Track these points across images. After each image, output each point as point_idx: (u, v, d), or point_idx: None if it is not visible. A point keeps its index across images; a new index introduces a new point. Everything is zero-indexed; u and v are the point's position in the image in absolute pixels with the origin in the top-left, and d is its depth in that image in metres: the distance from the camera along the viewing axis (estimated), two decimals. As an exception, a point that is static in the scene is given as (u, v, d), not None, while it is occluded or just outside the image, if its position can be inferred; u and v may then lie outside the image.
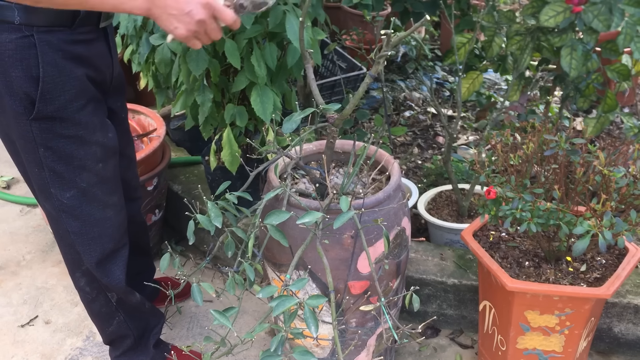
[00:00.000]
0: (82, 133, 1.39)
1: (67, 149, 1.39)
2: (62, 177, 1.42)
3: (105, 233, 1.54)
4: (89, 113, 1.40)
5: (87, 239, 1.53)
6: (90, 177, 1.45)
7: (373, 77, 1.40)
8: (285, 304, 1.27)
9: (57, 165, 1.40)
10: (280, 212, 1.38)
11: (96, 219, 1.51)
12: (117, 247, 1.60)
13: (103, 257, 1.56)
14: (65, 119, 1.35)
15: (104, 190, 1.50)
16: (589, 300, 1.48)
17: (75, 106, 1.36)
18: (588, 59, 1.92)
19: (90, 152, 1.42)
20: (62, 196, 1.45)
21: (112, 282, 1.60)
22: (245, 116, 1.94)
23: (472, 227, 1.69)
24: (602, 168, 1.37)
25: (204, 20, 1.18)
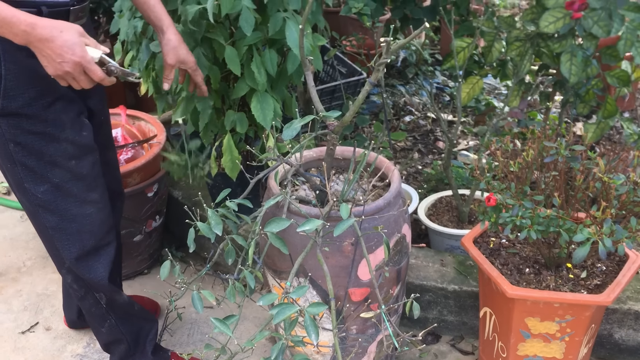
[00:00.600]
0: (50, 130, 1.40)
1: (36, 145, 1.40)
2: (34, 172, 1.44)
3: (84, 229, 1.55)
4: (57, 110, 1.40)
5: (65, 234, 1.54)
6: (63, 173, 1.46)
7: (373, 84, 1.40)
8: (286, 311, 1.27)
9: (28, 160, 1.42)
10: (280, 219, 1.38)
11: (73, 215, 1.52)
12: (100, 245, 1.60)
13: (83, 253, 1.57)
14: (32, 115, 1.37)
15: (80, 187, 1.50)
16: (590, 307, 1.48)
17: (41, 103, 1.37)
18: (588, 64, 1.92)
19: (61, 149, 1.43)
20: (36, 190, 1.46)
21: (94, 278, 1.61)
22: (246, 122, 1.94)
23: (473, 234, 1.69)
24: (601, 175, 1.37)
25: (72, 72, 1.26)
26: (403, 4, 2.59)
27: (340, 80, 3.06)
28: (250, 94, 1.85)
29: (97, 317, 1.71)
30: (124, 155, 2.24)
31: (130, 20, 1.99)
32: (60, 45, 1.22)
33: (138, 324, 1.78)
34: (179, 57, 1.55)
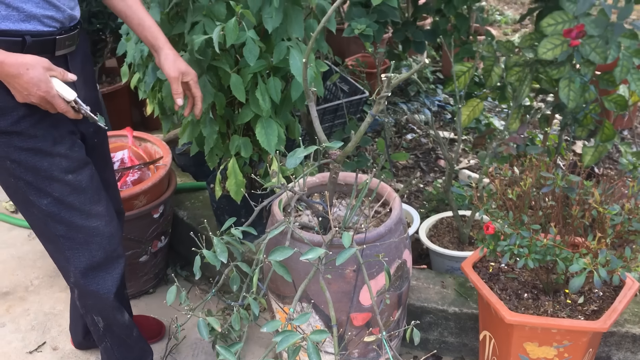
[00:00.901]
0: (41, 145, 1.43)
1: (30, 160, 1.44)
2: (34, 186, 1.47)
3: (92, 241, 1.58)
4: (47, 126, 1.44)
5: (75, 243, 1.56)
6: (62, 187, 1.49)
7: (374, 116, 1.44)
8: (289, 339, 1.31)
9: (26, 175, 1.46)
10: (284, 248, 1.42)
11: (79, 226, 1.55)
12: (110, 257, 1.62)
13: (92, 265, 1.60)
14: (21, 132, 1.40)
15: (82, 200, 1.53)
16: (587, 333, 1.51)
17: (29, 121, 1.40)
18: (585, 90, 1.96)
19: (55, 163, 1.47)
20: (40, 203, 1.49)
21: (100, 291, 1.63)
22: (250, 147, 1.98)
23: (472, 259, 1.73)
24: (596, 206, 1.41)
25: (38, 103, 1.37)
26: (404, 26, 2.63)
27: (343, 98, 3.11)
28: (254, 120, 1.90)
29: (95, 335, 1.76)
30: (131, 177, 2.29)
31: (137, 44, 2.03)
32: (26, 81, 1.32)
33: (134, 353, 1.80)
34: (180, 68, 1.59)
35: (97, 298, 1.65)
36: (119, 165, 2.32)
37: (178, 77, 1.59)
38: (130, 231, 2.15)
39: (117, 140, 2.43)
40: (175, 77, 1.58)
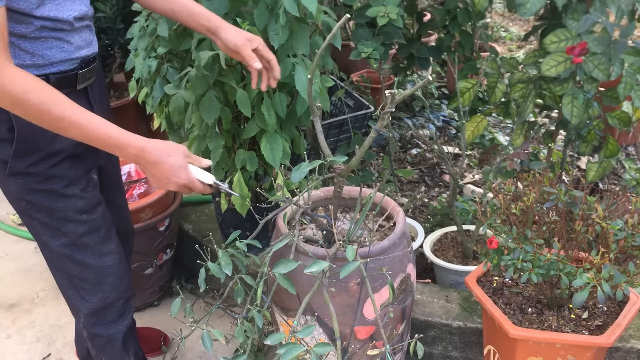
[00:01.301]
0: (55, 187, 1.41)
1: (45, 201, 1.42)
2: (49, 226, 1.46)
3: (105, 281, 1.56)
4: (64, 168, 1.42)
5: (88, 284, 1.55)
6: (76, 227, 1.47)
7: (378, 131, 1.46)
8: (293, 352, 1.31)
9: (41, 216, 1.44)
10: (288, 261, 1.43)
11: (92, 266, 1.53)
12: (122, 298, 1.61)
13: (105, 305, 1.58)
14: (37, 174, 1.38)
15: (96, 239, 1.51)
16: (591, 348, 1.51)
17: (48, 163, 1.38)
18: (589, 106, 1.98)
19: (70, 204, 1.44)
20: (53, 244, 1.48)
21: (109, 331, 1.62)
22: (256, 161, 2.00)
23: (476, 273, 1.73)
24: (600, 221, 1.42)
25: (176, 189, 1.36)
26: (409, 43, 2.66)
27: (348, 113, 3.13)
28: (260, 134, 1.92)
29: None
30: (137, 190, 2.31)
31: (145, 59, 2.06)
32: (167, 169, 1.31)
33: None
34: (245, 35, 1.52)
35: (107, 340, 1.64)
36: (125, 178, 2.35)
37: (246, 44, 1.52)
38: (136, 244, 2.16)
39: (119, 160, 2.45)
40: (243, 44, 1.51)
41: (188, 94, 1.86)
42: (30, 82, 1.19)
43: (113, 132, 1.28)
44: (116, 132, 1.28)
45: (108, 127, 1.28)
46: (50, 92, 1.22)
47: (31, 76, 1.21)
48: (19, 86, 1.17)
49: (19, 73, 1.19)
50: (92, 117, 1.26)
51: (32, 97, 1.19)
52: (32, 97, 1.19)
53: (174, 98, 1.90)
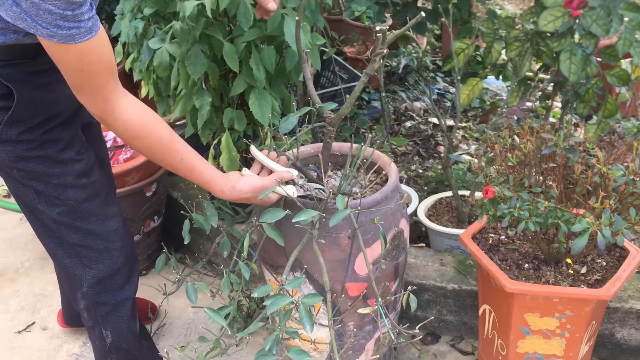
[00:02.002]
0: (51, 152, 1.34)
1: (40, 168, 1.34)
2: (45, 194, 1.38)
3: (113, 247, 1.49)
4: (59, 131, 1.36)
5: (93, 251, 1.47)
6: (77, 192, 1.40)
7: (369, 75, 1.40)
8: (280, 302, 1.26)
9: (36, 184, 1.36)
10: (276, 210, 1.37)
11: (98, 233, 1.46)
12: (130, 261, 1.54)
13: (113, 272, 1.51)
14: (32, 140, 1.31)
15: (98, 204, 1.44)
16: (590, 302, 1.46)
17: (42, 129, 1.32)
18: (587, 63, 1.92)
19: (68, 169, 1.37)
20: (52, 213, 1.40)
21: (117, 298, 1.54)
22: (244, 120, 1.93)
23: (471, 230, 1.68)
24: (600, 166, 1.36)
25: None
26: (405, 7, 2.59)
27: (341, 85, 3.07)
28: (248, 91, 1.85)
29: (99, 350, 1.64)
30: (123, 155, 2.25)
31: (131, 21, 2.00)
32: (256, 201, 1.38)
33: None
34: None
35: (112, 308, 1.56)
36: (111, 143, 2.28)
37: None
38: (122, 209, 2.07)
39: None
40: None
41: (173, 47, 1.80)
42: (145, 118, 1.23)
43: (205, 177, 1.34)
44: (207, 175, 1.34)
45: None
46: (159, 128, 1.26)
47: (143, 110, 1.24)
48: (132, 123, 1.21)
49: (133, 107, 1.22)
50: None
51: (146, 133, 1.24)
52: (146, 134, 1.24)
53: (158, 52, 1.83)
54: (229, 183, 1.35)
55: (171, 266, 1.51)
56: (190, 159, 1.31)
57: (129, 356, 1.62)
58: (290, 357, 1.27)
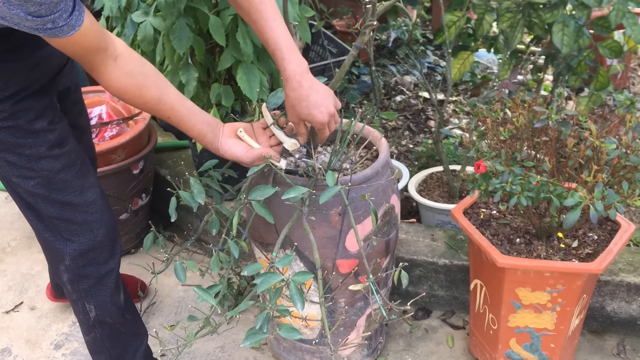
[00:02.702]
0: (22, 122, 1.30)
1: (10, 139, 1.30)
2: (18, 166, 1.34)
3: (92, 219, 1.45)
4: (30, 101, 1.32)
5: (73, 224, 1.44)
6: (51, 163, 1.36)
7: (359, 48, 1.37)
8: (270, 280, 1.24)
9: (8, 155, 1.33)
10: (265, 187, 1.35)
11: (76, 204, 1.42)
12: (112, 233, 1.50)
13: (95, 244, 1.47)
14: (1, 111, 1.28)
15: (74, 174, 1.40)
16: (581, 276, 1.45)
17: (13, 100, 1.28)
18: (580, 35, 1.89)
19: (40, 140, 1.33)
20: (26, 185, 1.37)
21: (101, 271, 1.51)
22: (232, 96, 1.90)
23: (463, 205, 1.67)
24: (593, 139, 1.34)
25: None
26: (393, -22, 2.54)
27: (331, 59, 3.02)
28: (235, 66, 1.81)
29: (83, 324, 1.60)
30: (109, 132, 2.20)
31: (114, -5, 1.94)
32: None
33: (126, 340, 1.64)
34: (299, 114, 1.34)
35: (95, 281, 1.52)
36: (97, 120, 2.24)
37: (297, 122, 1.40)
38: (109, 187, 2.07)
39: (94, 95, 2.34)
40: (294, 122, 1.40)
41: (157, 21, 1.75)
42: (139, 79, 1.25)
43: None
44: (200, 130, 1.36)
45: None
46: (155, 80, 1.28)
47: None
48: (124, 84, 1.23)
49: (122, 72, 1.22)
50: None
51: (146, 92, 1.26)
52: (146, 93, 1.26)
53: (142, 26, 1.78)
54: (216, 142, 1.37)
55: (159, 245, 1.49)
56: (178, 118, 1.33)
57: (113, 330, 1.60)
58: (281, 334, 1.26)
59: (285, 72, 1.31)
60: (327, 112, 1.33)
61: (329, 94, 1.35)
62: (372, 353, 1.79)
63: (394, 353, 1.85)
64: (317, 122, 1.34)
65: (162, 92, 1.30)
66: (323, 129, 1.36)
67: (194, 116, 1.35)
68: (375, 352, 1.81)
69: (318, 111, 1.32)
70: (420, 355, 1.84)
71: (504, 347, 1.64)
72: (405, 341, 1.89)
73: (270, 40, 1.31)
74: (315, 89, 1.31)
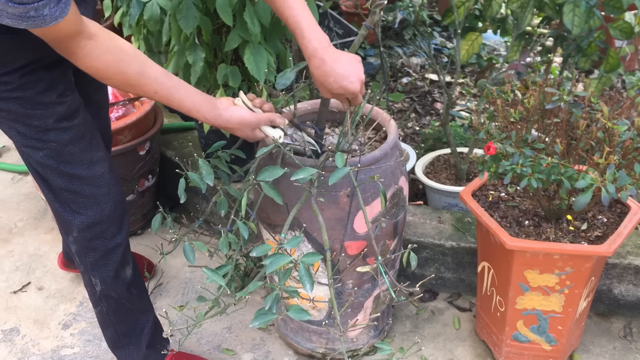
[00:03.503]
0: (30, 94, 1.30)
1: (20, 109, 1.31)
2: (27, 137, 1.35)
3: (99, 192, 1.45)
4: (40, 73, 1.31)
5: (80, 197, 1.44)
6: (59, 135, 1.36)
7: (369, 28, 1.35)
8: (279, 261, 1.24)
9: (17, 125, 1.33)
10: (274, 168, 1.34)
11: (83, 177, 1.42)
12: (120, 207, 1.50)
13: (102, 218, 1.47)
14: (10, 82, 1.28)
15: (82, 147, 1.40)
16: (590, 259, 1.45)
17: (22, 71, 1.28)
18: (591, 16, 1.87)
19: (49, 112, 1.33)
20: (36, 155, 1.38)
21: (108, 245, 1.51)
22: (239, 77, 1.88)
23: (471, 187, 1.66)
24: (605, 121, 1.33)
25: None
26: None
27: (337, 41, 3.00)
28: (243, 47, 1.80)
29: (91, 297, 1.61)
30: (115, 113, 2.19)
31: (120, -27, 1.92)
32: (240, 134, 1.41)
33: (132, 317, 1.64)
34: (331, 90, 1.32)
35: (102, 255, 1.52)
36: (102, 101, 2.22)
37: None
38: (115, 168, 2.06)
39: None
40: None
41: (164, 0, 1.73)
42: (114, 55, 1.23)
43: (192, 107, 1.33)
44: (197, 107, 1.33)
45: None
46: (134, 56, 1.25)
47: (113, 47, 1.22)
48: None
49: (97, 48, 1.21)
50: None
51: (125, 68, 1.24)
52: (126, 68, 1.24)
53: (148, 5, 1.77)
54: (216, 110, 1.34)
55: (167, 226, 1.48)
56: (165, 92, 1.29)
57: (119, 305, 1.60)
58: (290, 315, 1.26)
59: (307, 50, 1.29)
60: (357, 80, 1.31)
61: (355, 60, 1.33)
62: (379, 334, 1.80)
63: (400, 334, 1.85)
64: (350, 93, 1.32)
65: (143, 65, 1.27)
66: (356, 97, 1.35)
67: (183, 87, 1.32)
68: (382, 333, 1.81)
69: (348, 82, 1.30)
70: (427, 337, 1.84)
71: (511, 329, 1.64)
72: (411, 323, 1.89)
73: (290, 20, 1.30)
74: (339, 61, 1.29)
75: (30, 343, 1.88)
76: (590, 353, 1.77)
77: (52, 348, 1.86)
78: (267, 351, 1.82)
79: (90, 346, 1.86)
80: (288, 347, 1.83)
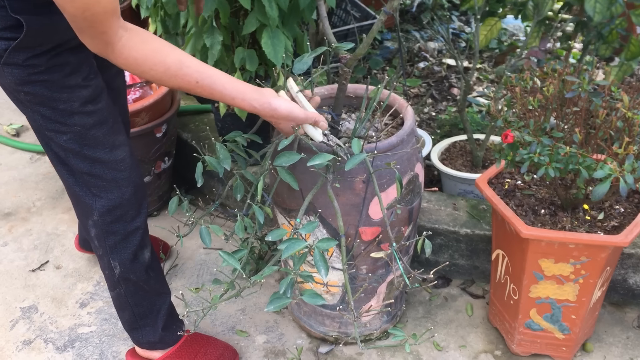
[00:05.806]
0: (57, 77, 1.31)
1: (46, 92, 1.32)
2: (52, 120, 1.36)
3: (120, 176, 1.47)
4: (66, 55, 1.32)
5: (102, 181, 1.46)
6: (84, 118, 1.37)
7: (388, 14, 1.34)
8: (295, 246, 1.25)
9: (42, 109, 1.34)
10: (290, 153, 1.35)
11: (105, 161, 1.44)
12: (139, 190, 1.51)
13: (123, 202, 1.49)
14: (37, 65, 1.28)
15: (105, 131, 1.42)
16: (606, 249, 1.44)
17: (50, 54, 1.29)
18: (613, 2, 1.84)
19: (75, 95, 1.34)
20: (59, 139, 1.39)
21: (128, 228, 1.53)
22: (256, 60, 1.88)
23: (487, 175, 1.65)
24: (625, 110, 1.32)
25: None
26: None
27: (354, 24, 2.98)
28: (260, 30, 1.79)
29: (108, 279, 1.63)
30: (132, 95, 2.21)
31: (137, -46, 1.92)
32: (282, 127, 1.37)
33: (149, 299, 1.66)
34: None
35: (122, 238, 1.54)
36: (120, 83, 2.24)
37: None
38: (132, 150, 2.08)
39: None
40: None
41: (182, -18, 1.73)
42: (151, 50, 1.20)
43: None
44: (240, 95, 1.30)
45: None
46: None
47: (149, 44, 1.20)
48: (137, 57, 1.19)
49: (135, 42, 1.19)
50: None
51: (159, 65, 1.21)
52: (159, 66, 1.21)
53: (169, -8, 1.77)
54: (263, 97, 1.31)
55: (184, 208, 1.50)
56: (207, 80, 1.26)
57: (137, 287, 1.62)
58: (305, 300, 1.27)
59: None
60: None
61: None
62: (391, 319, 1.81)
63: (413, 320, 1.87)
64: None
65: (181, 54, 1.25)
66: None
67: (223, 75, 1.29)
68: (395, 318, 1.83)
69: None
70: (439, 323, 1.85)
71: (524, 317, 1.64)
72: (424, 309, 1.90)
73: None
74: None
75: (48, 321, 1.91)
76: (603, 342, 1.77)
77: (69, 326, 1.89)
78: (280, 333, 1.84)
79: (107, 325, 1.90)
80: (301, 330, 1.85)
